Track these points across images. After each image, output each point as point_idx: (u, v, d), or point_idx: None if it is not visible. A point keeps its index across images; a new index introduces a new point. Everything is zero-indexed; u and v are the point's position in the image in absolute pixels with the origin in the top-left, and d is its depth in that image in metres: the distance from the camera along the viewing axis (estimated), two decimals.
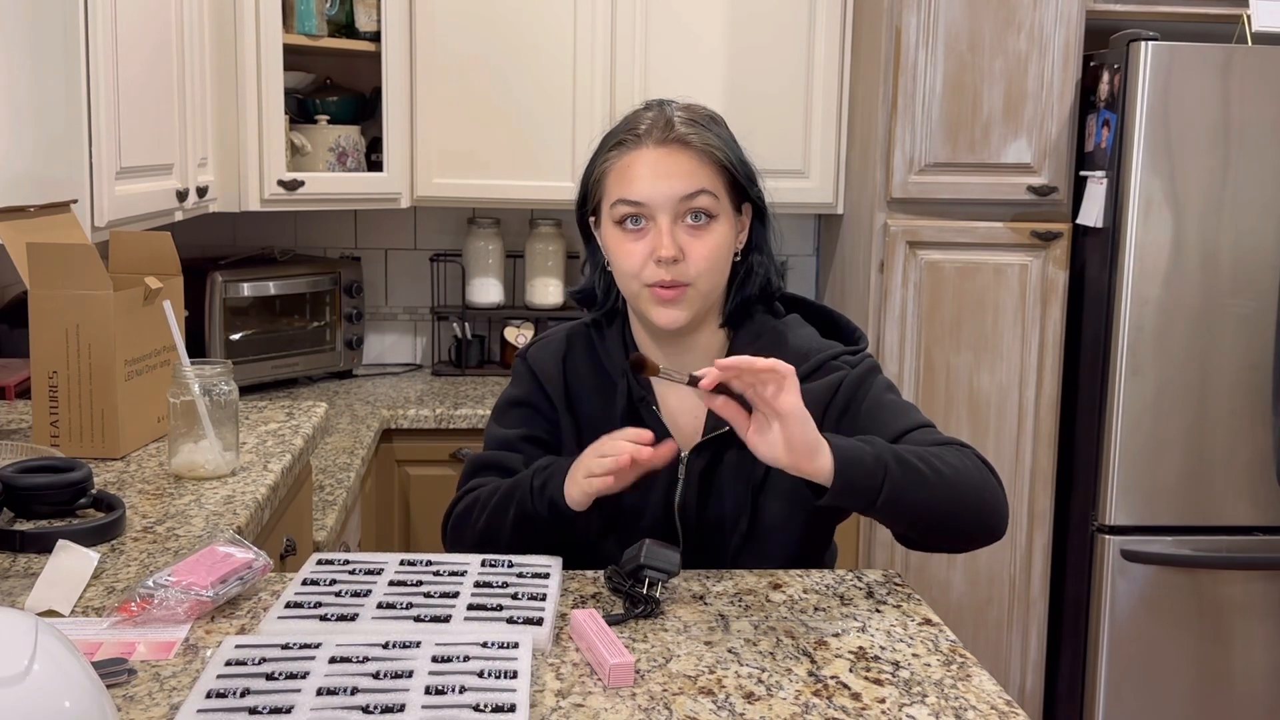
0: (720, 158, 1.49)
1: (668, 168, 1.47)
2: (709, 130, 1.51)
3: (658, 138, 1.49)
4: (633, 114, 1.55)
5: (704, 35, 3.17)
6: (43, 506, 1.56)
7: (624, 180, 1.49)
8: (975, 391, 2.98)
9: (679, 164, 1.48)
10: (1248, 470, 2.86)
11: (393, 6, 3.06)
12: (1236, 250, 2.80)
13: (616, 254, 1.52)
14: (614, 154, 1.51)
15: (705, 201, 1.48)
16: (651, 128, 1.50)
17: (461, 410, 2.99)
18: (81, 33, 1.96)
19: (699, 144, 1.48)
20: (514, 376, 1.67)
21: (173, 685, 1.13)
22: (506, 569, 1.40)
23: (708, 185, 1.48)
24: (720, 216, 1.49)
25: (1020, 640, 3.06)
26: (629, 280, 1.51)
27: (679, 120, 1.50)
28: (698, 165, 1.48)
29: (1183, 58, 2.74)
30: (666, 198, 1.47)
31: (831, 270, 3.39)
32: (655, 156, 1.48)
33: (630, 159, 1.49)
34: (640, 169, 1.48)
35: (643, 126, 1.50)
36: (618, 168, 1.50)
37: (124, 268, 1.99)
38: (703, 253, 1.48)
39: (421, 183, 3.18)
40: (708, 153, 1.49)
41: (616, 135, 1.53)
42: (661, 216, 1.47)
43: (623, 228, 1.50)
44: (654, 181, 1.47)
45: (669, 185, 1.47)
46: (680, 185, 1.47)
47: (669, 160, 1.48)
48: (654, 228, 1.48)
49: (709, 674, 1.19)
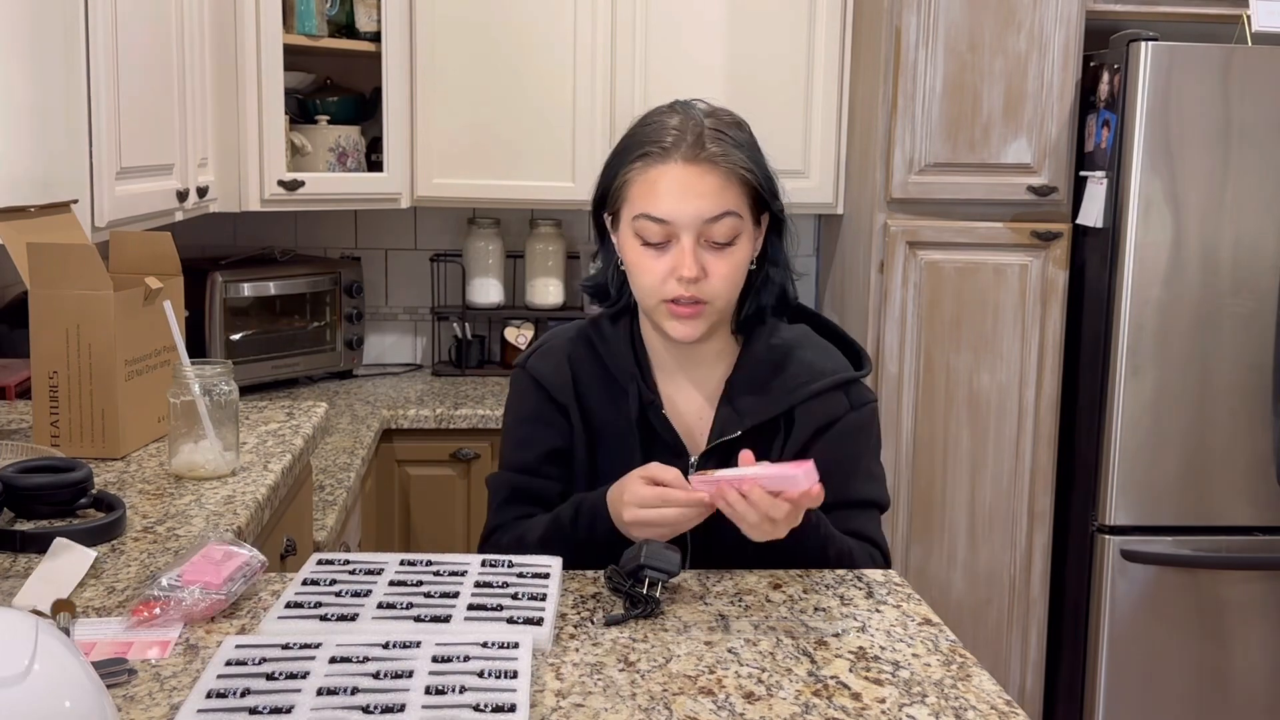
0: (748, 177, 1.47)
1: (696, 188, 1.45)
2: (737, 145, 1.48)
3: (686, 154, 1.45)
4: (658, 118, 1.51)
5: (704, 35, 3.17)
6: (43, 506, 1.56)
7: (649, 195, 1.46)
8: (975, 391, 2.98)
9: (707, 184, 1.45)
10: (1248, 470, 2.86)
11: (393, 6, 3.06)
12: (1236, 250, 2.80)
13: (636, 268, 1.50)
14: (639, 164, 1.48)
15: (729, 224, 1.46)
16: (680, 141, 1.46)
17: (461, 410, 2.99)
18: (81, 33, 1.96)
19: (727, 164, 1.45)
20: (516, 391, 1.64)
21: (173, 685, 1.13)
22: (506, 569, 1.40)
23: (733, 206, 1.46)
24: (742, 235, 1.48)
25: (1020, 640, 3.06)
26: (647, 294, 1.50)
27: (708, 134, 1.47)
28: (725, 185, 1.45)
29: (1183, 58, 2.74)
30: (692, 218, 1.45)
31: (831, 270, 3.39)
32: (684, 175, 1.45)
33: (657, 173, 1.46)
34: (667, 185, 1.45)
35: (669, 138, 1.47)
36: (644, 179, 1.47)
37: (124, 268, 1.99)
38: (724, 272, 1.47)
39: (421, 183, 3.18)
40: (735, 173, 1.46)
41: (643, 143, 1.49)
42: (685, 235, 1.45)
43: (644, 241, 1.48)
44: (680, 201, 1.45)
45: (695, 205, 1.45)
46: (707, 206, 1.45)
47: (697, 180, 1.45)
48: (676, 245, 1.46)
49: (709, 674, 1.19)
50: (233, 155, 2.83)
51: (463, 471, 3.00)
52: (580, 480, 1.60)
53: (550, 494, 1.59)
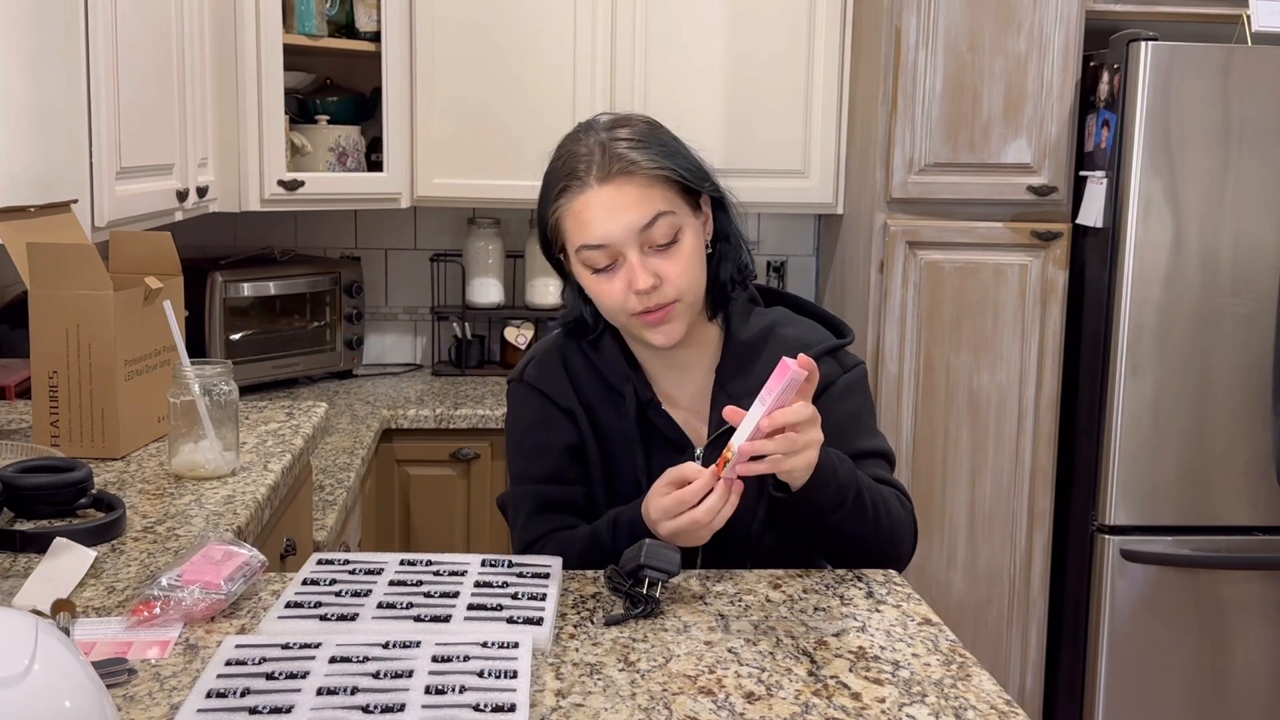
0: (666, 175, 1.47)
1: (620, 202, 1.45)
2: (647, 148, 1.47)
3: (599, 175, 1.45)
4: (568, 148, 1.51)
5: (704, 35, 3.17)
6: (43, 506, 1.56)
7: (580, 225, 1.47)
8: (975, 391, 2.98)
9: (628, 195, 1.45)
10: (1248, 470, 2.86)
11: (393, 6, 3.06)
12: (1236, 250, 2.80)
13: (596, 295, 1.51)
14: (563, 199, 1.48)
15: (665, 224, 1.46)
16: (590, 164, 1.46)
17: (461, 410, 2.99)
18: (81, 33, 1.96)
19: (642, 170, 1.46)
20: (518, 404, 1.63)
21: (173, 685, 1.13)
22: (506, 569, 1.40)
23: (662, 206, 1.46)
24: (683, 228, 1.48)
25: (1020, 640, 3.06)
26: (614, 315, 1.51)
27: (614, 149, 1.47)
28: (647, 190, 1.45)
29: (1183, 58, 2.74)
30: (627, 231, 1.45)
31: (831, 270, 3.39)
32: (604, 195, 1.45)
33: (581, 202, 1.46)
34: (593, 211, 1.46)
35: (581, 166, 1.47)
36: (570, 212, 1.48)
37: (124, 268, 1.99)
38: (678, 270, 1.47)
39: (421, 183, 3.18)
40: (652, 175, 1.46)
41: (560, 178, 1.49)
42: (628, 250, 1.46)
43: (593, 269, 1.48)
44: (609, 220, 1.45)
45: (625, 219, 1.45)
46: (636, 216, 1.45)
47: (619, 195, 1.45)
48: (624, 262, 1.46)
49: (709, 674, 1.19)
50: (233, 155, 2.83)
51: (463, 471, 3.00)
52: (597, 483, 1.59)
53: (576, 499, 1.58)
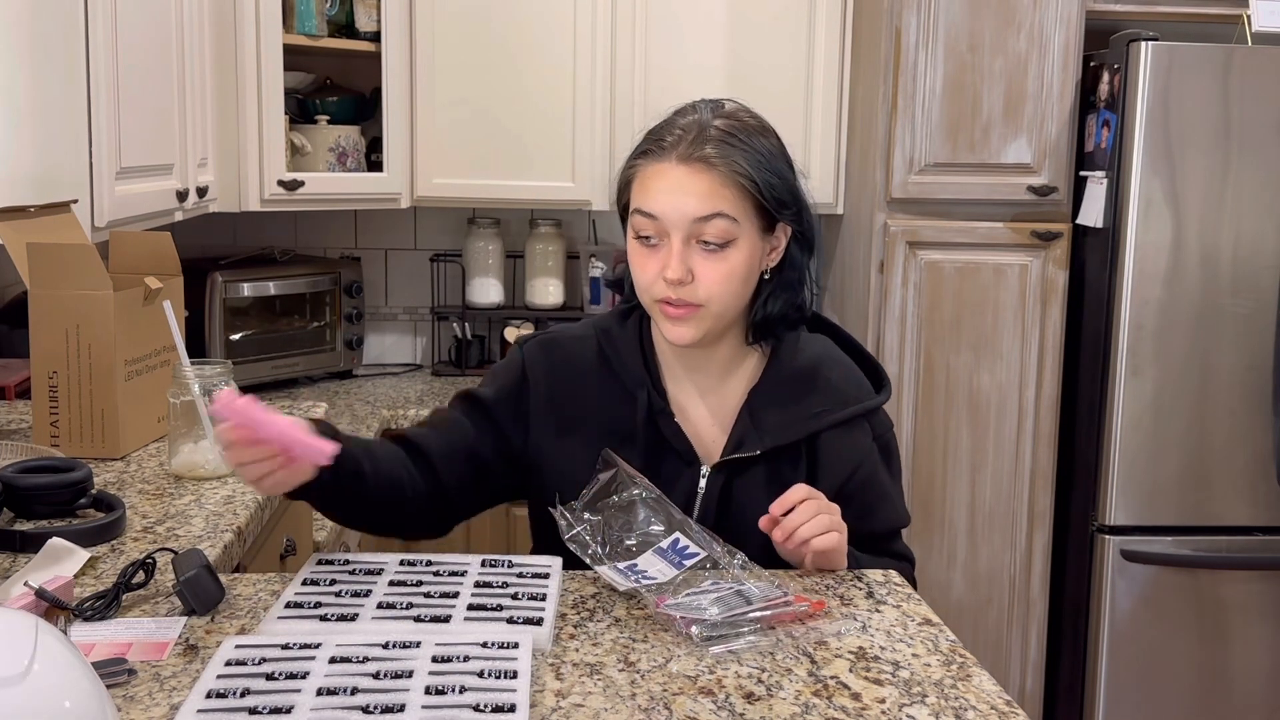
0: (744, 183, 1.44)
1: (687, 186, 1.43)
2: (742, 148, 1.45)
3: (683, 153, 1.44)
4: (673, 117, 1.50)
5: (704, 35, 3.17)
6: (43, 506, 1.56)
7: (644, 191, 1.46)
8: (975, 391, 2.98)
9: (698, 184, 1.43)
10: (1248, 470, 2.86)
11: (393, 6, 3.06)
12: (1236, 250, 2.80)
13: (633, 264, 1.50)
14: (642, 160, 1.48)
15: (720, 226, 1.43)
16: (680, 139, 1.45)
17: None
18: (81, 33, 1.96)
19: (723, 166, 1.43)
20: (506, 365, 1.62)
21: (173, 685, 1.13)
22: (506, 569, 1.40)
23: (726, 209, 1.44)
24: (739, 239, 1.45)
25: (1020, 640, 3.06)
26: (642, 292, 1.50)
27: (714, 134, 1.45)
28: (719, 187, 1.43)
29: (1183, 58, 2.74)
30: (681, 216, 1.43)
31: (831, 270, 3.39)
32: (677, 173, 1.44)
33: (654, 170, 1.46)
34: (660, 183, 1.45)
35: (670, 137, 1.46)
36: (642, 175, 1.47)
37: (124, 268, 1.99)
38: (714, 277, 1.45)
39: (421, 183, 3.18)
40: (731, 176, 1.44)
41: (651, 140, 1.49)
42: (675, 234, 1.44)
43: (639, 235, 1.48)
44: (670, 198, 1.44)
45: (684, 203, 1.43)
46: (695, 206, 1.43)
47: (690, 179, 1.43)
48: (666, 244, 1.45)
49: (709, 674, 1.19)
50: (233, 155, 2.83)
51: None
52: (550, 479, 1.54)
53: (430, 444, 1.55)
